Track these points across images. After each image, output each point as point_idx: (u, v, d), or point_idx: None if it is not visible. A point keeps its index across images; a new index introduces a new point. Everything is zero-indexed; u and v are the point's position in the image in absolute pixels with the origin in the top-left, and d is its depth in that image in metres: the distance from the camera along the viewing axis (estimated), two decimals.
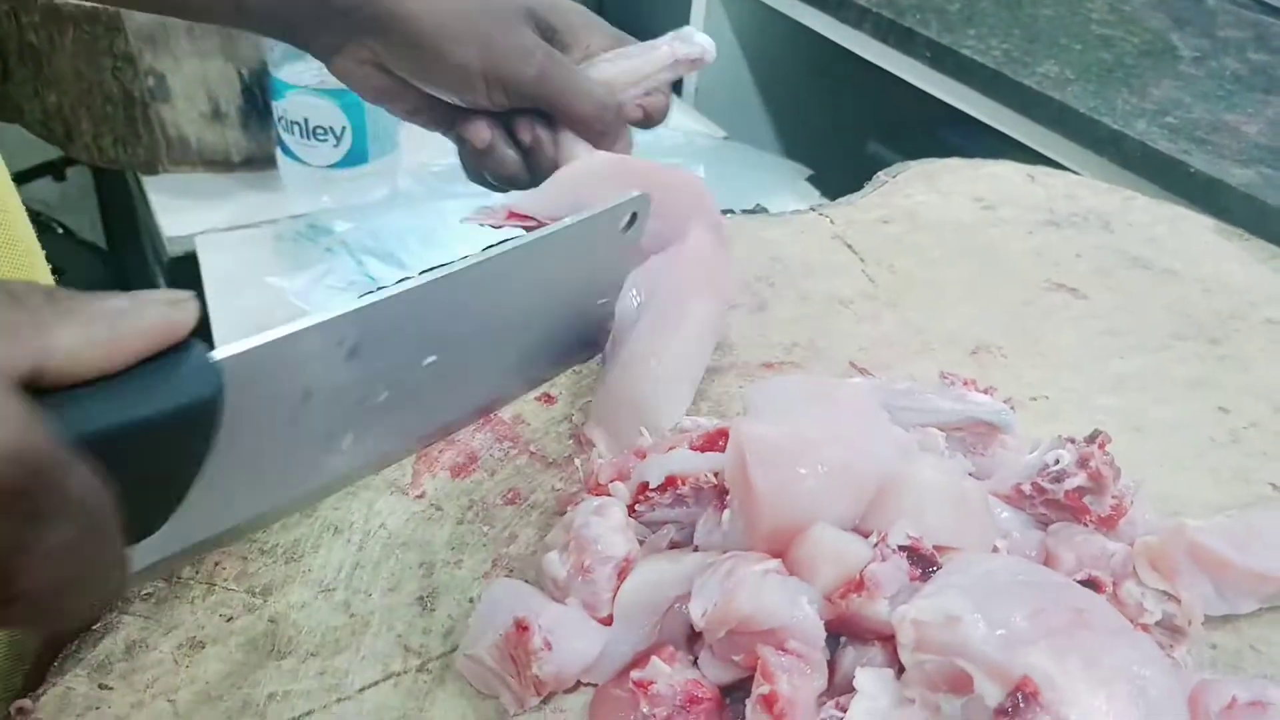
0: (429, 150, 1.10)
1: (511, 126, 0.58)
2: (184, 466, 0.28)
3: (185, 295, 0.26)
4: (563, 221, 0.43)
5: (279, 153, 1.09)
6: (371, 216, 1.08)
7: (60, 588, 0.23)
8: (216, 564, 0.44)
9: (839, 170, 0.99)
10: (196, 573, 0.44)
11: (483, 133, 0.57)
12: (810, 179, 1.22)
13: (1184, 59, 1.03)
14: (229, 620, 0.42)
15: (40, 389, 0.23)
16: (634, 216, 0.46)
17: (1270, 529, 0.45)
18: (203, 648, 0.41)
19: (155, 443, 0.26)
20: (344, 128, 1.05)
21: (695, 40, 0.57)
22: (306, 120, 1.04)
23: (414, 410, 0.39)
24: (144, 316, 0.25)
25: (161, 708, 0.39)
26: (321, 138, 1.04)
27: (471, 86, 0.55)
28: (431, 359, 0.38)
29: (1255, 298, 0.66)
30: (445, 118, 0.59)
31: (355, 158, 1.07)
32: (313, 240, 1.06)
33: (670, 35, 0.59)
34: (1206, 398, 0.58)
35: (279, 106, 1.06)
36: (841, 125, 1.42)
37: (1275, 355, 0.61)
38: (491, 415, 0.52)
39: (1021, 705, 0.31)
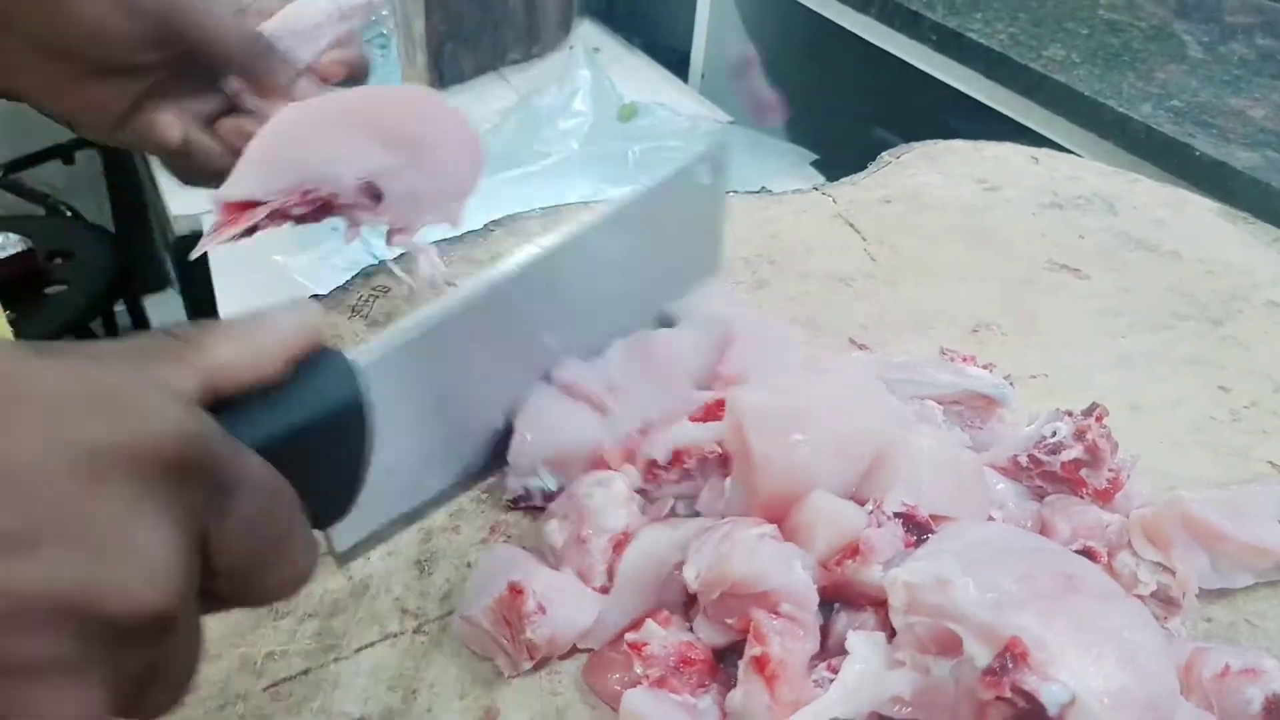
0: None
1: (201, 109, 0.48)
2: (350, 458, 0.30)
3: (304, 300, 0.28)
4: (640, 190, 0.43)
5: None
6: None
7: (254, 561, 0.25)
8: None
9: (844, 155, 0.98)
10: None
11: (171, 130, 0.47)
12: (815, 164, 1.22)
13: (1190, 44, 1.02)
14: None
15: (213, 407, 0.25)
16: (715, 164, 0.46)
17: (1267, 504, 0.45)
18: None
19: (317, 440, 0.29)
20: None
21: None
22: None
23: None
24: (278, 322, 0.28)
25: None
26: None
27: (106, 35, 0.44)
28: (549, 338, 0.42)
29: (1258, 279, 0.66)
30: (117, 116, 0.46)
31: None
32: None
33: None
34: (1207, 376, 0.58)
35: None
36: (847, 110, 1.41)
37: (1276, 336, 0.61)
38: None
39: (1010, 666, 0.31)
